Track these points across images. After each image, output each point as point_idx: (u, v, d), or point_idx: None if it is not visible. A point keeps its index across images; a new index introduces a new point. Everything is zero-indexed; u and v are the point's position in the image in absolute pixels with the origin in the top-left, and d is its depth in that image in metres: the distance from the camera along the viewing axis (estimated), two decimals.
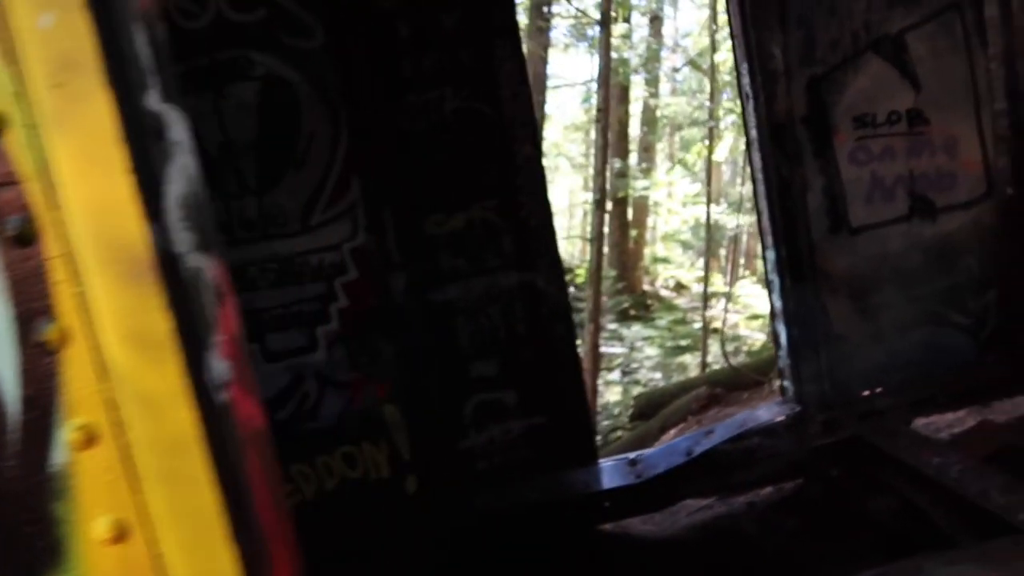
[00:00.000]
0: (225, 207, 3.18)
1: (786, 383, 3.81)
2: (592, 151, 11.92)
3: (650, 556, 3.49)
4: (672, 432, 8.53)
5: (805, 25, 3.51)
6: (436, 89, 3.26)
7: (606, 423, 11.92)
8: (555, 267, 3.49)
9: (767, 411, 3.77)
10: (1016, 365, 3.86)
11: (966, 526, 2.86)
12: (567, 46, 16.06)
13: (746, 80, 3.52)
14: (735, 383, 9.40)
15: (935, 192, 3.72)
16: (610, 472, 3.65)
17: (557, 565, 3.41)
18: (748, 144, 3.69)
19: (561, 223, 24.33)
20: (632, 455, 3.79)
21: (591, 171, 12.02)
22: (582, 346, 11.64)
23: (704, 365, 12.46)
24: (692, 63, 15.48)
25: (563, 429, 3.62)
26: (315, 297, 3.32)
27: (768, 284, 3.83)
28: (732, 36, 3.59)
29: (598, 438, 11.30)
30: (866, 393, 3.78)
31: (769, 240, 3.69)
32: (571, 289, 16.20)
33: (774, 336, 3.85)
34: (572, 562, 3.44)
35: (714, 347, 13.03)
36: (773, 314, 3.80)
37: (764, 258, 3.81)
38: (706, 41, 14.00)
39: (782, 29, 3.47)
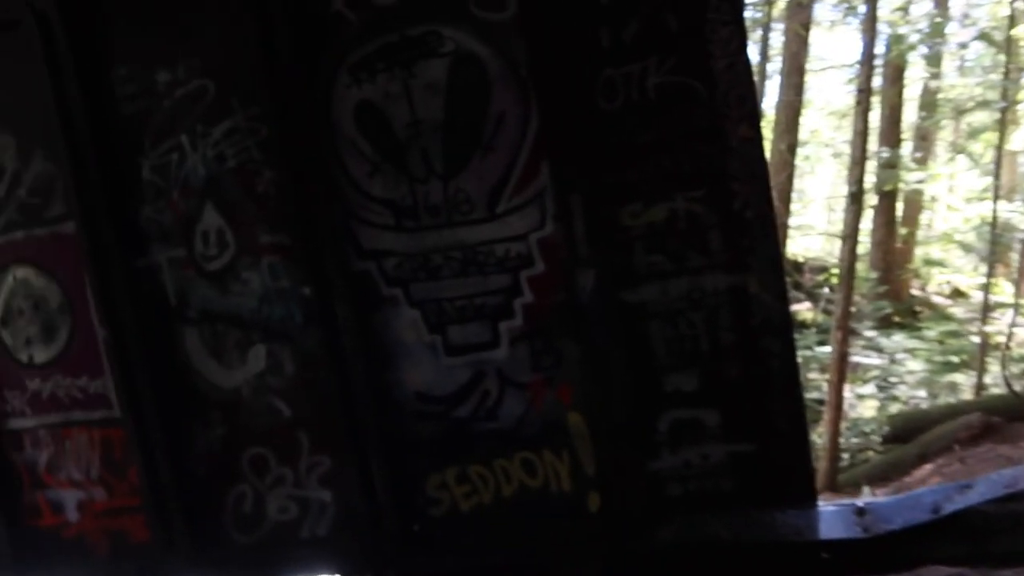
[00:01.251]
0: (411, 191, 3.09)
1: None
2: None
3: None
4: (930, 466, 7.43)
5: None
6: (638, 61, 2.85)
7: (855, 440, 11.02)
8: (773, 269, 2.95)
9: None
10: None
11: None
12: (833, 24, 14.72)
13: None
14: (1017, 413, 8.19)
15: None
16: (830, 519, 3.06)
17: None
18: None
19: (819, 217, 22.90)
20: (860, 502, 3.16)
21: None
22: (830, 354, 10.70)
23: (980, 387, 11.08)
24: (984, 36, 13.40)
25: (774, 461, 3.08)
26: (499, 290, 3.11)
27: None
28: None
29: (844, 456, 10.39)
30: None
31: None
32: (824, 291, 14.97)
33: None
34: None
35: (994, 367, 11.48)
36: None
37: None
38: (1002, 11, 12.11)
39: None
